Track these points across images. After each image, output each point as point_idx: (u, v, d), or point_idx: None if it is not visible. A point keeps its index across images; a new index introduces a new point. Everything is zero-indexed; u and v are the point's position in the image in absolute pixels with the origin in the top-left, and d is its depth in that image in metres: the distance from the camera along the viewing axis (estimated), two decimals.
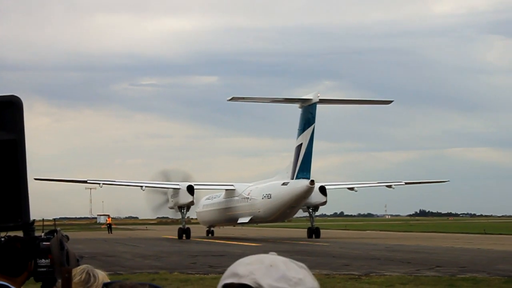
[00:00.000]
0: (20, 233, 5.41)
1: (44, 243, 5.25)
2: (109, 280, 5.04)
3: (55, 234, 5.28)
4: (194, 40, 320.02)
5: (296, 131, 67.60)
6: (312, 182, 65.38)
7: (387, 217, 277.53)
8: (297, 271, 2.45)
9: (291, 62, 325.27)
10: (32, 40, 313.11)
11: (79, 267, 5.06)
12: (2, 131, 3.95)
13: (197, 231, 79.12)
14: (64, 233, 5.35)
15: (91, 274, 5.04)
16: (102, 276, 5.11)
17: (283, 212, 68.95)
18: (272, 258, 2.47)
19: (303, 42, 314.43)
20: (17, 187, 4.08)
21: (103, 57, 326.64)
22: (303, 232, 74.63)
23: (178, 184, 73.91)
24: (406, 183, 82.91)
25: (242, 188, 73.84)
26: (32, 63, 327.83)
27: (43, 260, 5.25)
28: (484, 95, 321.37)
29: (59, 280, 4.97)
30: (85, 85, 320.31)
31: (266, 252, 2.55)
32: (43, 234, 5.33)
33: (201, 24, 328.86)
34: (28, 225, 4.73)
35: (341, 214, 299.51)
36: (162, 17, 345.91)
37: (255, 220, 72.44)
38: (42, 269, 5.26)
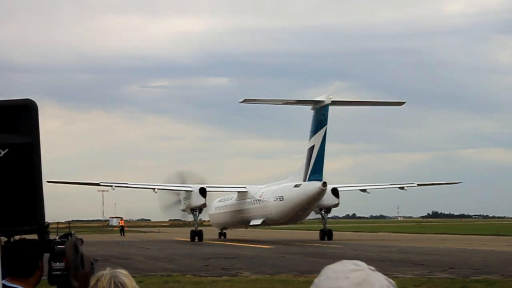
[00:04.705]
0: (35, 237, 5.41)
1: (58, 246, 5.25)
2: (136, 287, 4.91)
3: (70, 237, 5.27)
4: (204, 41, 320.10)
5: (308, 133, 67.52)
6: (325, 184, 65.27)
7: (399, 218, 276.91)
8: None
9: (302, 63, 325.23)
10: (42, 41, 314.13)
11: (101, 272, 4.94)
12: (18, 134, 3.95)
13: (210, 233, 79.22)
14: (79, 236, 5.35)
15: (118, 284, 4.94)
16: (130, 283, 4.93)
17: (295, 214, 68.82)
18: (377, 279, 2.37)
19: (313, 43, 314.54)
20: (32, 191, 4.08)
21: (113, 59, 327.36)
22: (316, 234, 74.55)
23: (190, 186, 73.99)
24: (418, 185, 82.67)
25: (255, 190, 73.80)
26: (41, 65, 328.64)
27: (57, 263, 5.24)
28: (497, 95, 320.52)
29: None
30: (96, 87, 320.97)
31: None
32: (57, 237, 5.32)
33: (211, 25, 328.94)
34: (43, 228, 4.73)
35: (354, 216, 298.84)
36: (172, 18, 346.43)
37: (267, 222, 72.39)
38: (57, 272, 5.25)
